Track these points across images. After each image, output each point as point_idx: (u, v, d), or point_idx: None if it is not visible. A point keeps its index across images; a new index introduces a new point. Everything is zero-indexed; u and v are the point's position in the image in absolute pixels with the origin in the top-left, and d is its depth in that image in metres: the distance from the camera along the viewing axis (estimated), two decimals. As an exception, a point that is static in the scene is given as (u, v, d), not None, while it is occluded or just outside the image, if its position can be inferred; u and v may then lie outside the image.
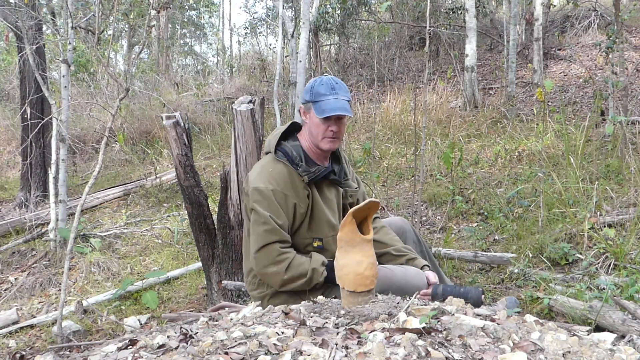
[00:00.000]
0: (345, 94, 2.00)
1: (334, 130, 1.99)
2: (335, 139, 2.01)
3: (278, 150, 2.05)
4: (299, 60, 5.70)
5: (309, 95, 2.00)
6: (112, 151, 8.11)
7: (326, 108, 1.94)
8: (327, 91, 1.96)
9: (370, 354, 1.11)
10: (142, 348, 1.28)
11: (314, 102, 1.98)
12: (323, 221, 2.03)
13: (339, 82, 2.01)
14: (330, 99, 1.95)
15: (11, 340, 3.13)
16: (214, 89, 11.55)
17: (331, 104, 1.94)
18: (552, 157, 4.93)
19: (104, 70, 9.37)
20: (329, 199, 2.09)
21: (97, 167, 3.00)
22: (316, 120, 1.98)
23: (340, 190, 2.14)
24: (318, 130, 1.99)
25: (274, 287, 1.99)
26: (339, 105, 1.94)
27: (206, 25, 19.96)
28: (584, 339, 1.25)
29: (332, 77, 2.02)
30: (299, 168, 2.00)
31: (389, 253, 2.12)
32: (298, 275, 1.92)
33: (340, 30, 10.81)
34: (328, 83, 1.98)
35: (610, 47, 4.90)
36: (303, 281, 1.93)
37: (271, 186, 1.95)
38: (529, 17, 9.65)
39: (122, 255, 4.48)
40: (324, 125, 1.97)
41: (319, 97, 1.97)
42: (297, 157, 2.02)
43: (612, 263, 2.80)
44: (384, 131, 7.10)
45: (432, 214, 4.39)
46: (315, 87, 1.99)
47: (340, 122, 2.00)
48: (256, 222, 1.95)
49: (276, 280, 1.94)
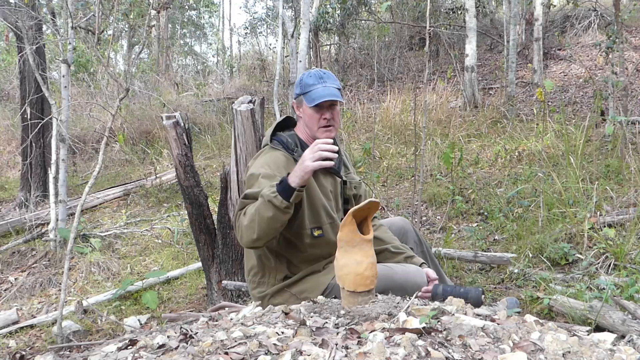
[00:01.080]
0: (334, 82, 2.03)
1: (327, 118, 2.01)
2: (330, 127, 2.03)
3: (274, 140, 2.07)
4: (299, 60, 5.70)
5: (299, 88, 2.05)
6: (112, 151, 8.11)
7: (316, 96, 1.98)
8: (315, 81, 2.01)
9: (370, 354, 1.11)
10: (142, 348, 1.28)
11: (304, 93, 2.02)
12: (319, 208, 2.02)
13: (327, 72, 2.05)
14: (319, 87, 1.99)
15: (11, 340, 3.13)
16: (214, 89, 11.55)
17: (320, 92, 1.98)
18: (552, 157, 4.93)
19: (104, 70, 9.36)
20: (324, 186, 2.08)
21: (97, 167, 3.00)
22: (309, 111, 2.01)
23: (337, 180, 2.14)
24: (312, 121, 2.02)
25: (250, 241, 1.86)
26: (327, 92, 1.98)
27: (206, 25, 19.96)
28: (584, 339, 1.25)
29: (319, 69, 2.07)
30: (294, 154, 2.02)
31: (387, 250, 2.12)
32: (253, 209, 1.81)
33: (340, 30, 10.82)
34: (315, 74, 2.03)
35: (610, 47, 4.90)
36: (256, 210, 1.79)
37: (262, 170, 1.95)
38: (529, 17, 9.65)
39: (122, 255, 4.48)
40: (317, 114, 2.00)
41: (308, 87, 2.00)
42: (292, 143, 2.05)
43: (612, 263, 2.80)
44: (384, 131, 7.10)
45: (432, 214, 4.39)
46: (304, 79, 2.03)
47: (333, 109, 2.02)
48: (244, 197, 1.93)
49: (245, 231, 1.84)
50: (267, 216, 1.78)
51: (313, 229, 2.00)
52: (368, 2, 10.34)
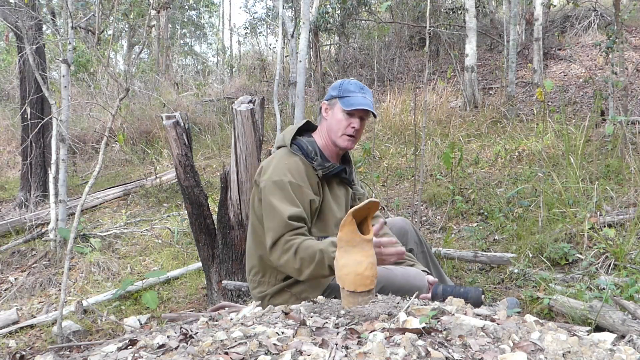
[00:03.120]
0: (372, 98, 2.07)
1: (355, 127, 2.02)
2: (353, 137, 2.04)
3: (293, 144, 2.06)
4: (299, 60, 5.70)
5: (337, 91, 2.05)
6: (112, 151, 8.11)
7: (354, 102, 2.00)
8: (356, 89, 2.03)
9: (370, 354, 1.11)
10: (142, 348, 1.28)
11: (341, 97, 2.03)
12: (330, 218, 2.03)
13: (367, 88, 2.09)
14: (358, 95, 2.01)
15: (11, 340, 3.13)
16: (214, 89, 11.56)
17: (359, 100, 2.00)
18: (552, 157, 4.93)
19: (104, 70, 9.37)
20: (338, 196, 2.10)
21: (97, 167, 3.00)
22: (339, 115, 2.02)
23: (349, 191, 2.16)
24: (339, 126, 2.02)
25: (298, 277, 1.92)
26: (366, 102, 2.01)
27: (206, 25, 19.97)
28: (584, 339, 1.25)
29: (360, 82, 2.10)
30: (314, 162, 2.01)
31: None
32: (308, 258, 1.85)
33: (340, 30, 10.82)
34: (357, 84, 2.06)
35: (610, 47, 4.90)
36: (314, 264, 1.84)
37: (287, 178, 1.94)
38: (529, 17, 9.65)
39: (122, 255, 4.48)
40: (347, 120, 2.01)
41: (347, 92, 2.02)
42: (312, 151, 2.04)
43: (612, 263, 2.80)
44: (384, 131, 7.10)
45: (432, 214, 4.39)
46: (344, 85, 2.05)
47: (363, 121, 2.05)
48: (271, 215, 1.91)
49: (292, 269, 1.88)
50: (321, 273, 1.85)
51: (320, 238, 1.99)
52: (368, 2, 10.33)
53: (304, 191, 1.95)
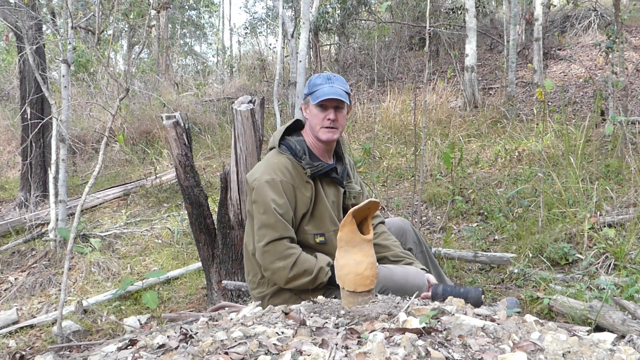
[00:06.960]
0: (342, 85, 2.03)
1: (331, 119, 2.00)
2: (333, 128, 2.02)
3: (282, 144, 2.06)
4: (299, 60, 5.70)
5: (307, 88, 2.06)
6: (112, 151, 8.11)
7: (320, 94, 1.98)
8: (323, 81, 2.01)
9: (370, 354, 1.11)
10: (142, 348, 1.28)
11: (311, 93, 2.02)
12: (325, 216, 2.03)
13: (337, 75, 2.06)
14: (325, 86, 1.99)
15: (11, 340, 3.13)
16: (214, 89, 11.56)
17: (326, 90, 1.98)
18: (552, 157, 4.93)
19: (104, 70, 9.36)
20: (330, 194, 2.09)
21: (97, 167, 3.00)
22: (314, 110, 2.01)
23: (340, 190, 2.14)
24: (316, 120, 2.02)
25: (279, 283, 1.97)
26: (333, 91, 1.98)
27: (206, 25, 19.97)
28: (584, 339, 1.25)
29: (330, 73, 2.09)
30: (302, 161, 2.01)
31: (387, 258, 2.11)
32: (303, 273, 1.90)
33: (340, 30, 10.82)
34: (325, 75, 2.04)
35: (610, 47, 4.90)
36: (308, 279, 1.91)
37: (277, 177, 1.95)
38: (529, 17, 9.65)
39: (122, 255, 4.48)
40: (322, 113, 2.00)
41: (315, 87, 2.01)
42: (300, 150, 2.03)
43: (612, 263, 2.80)
44: (384, 131, 7.10)
45: (432, 214, 4.39)
46: (312, 80, 2.05)
47: (338, 111, 2.02)
48: (264, 214, 1.93)
49: (282, 276, 1.92)
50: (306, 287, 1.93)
51: (316, 235, 2.01)
52: (368, 2, 10.34)
53: (295, 190, 1.97)
